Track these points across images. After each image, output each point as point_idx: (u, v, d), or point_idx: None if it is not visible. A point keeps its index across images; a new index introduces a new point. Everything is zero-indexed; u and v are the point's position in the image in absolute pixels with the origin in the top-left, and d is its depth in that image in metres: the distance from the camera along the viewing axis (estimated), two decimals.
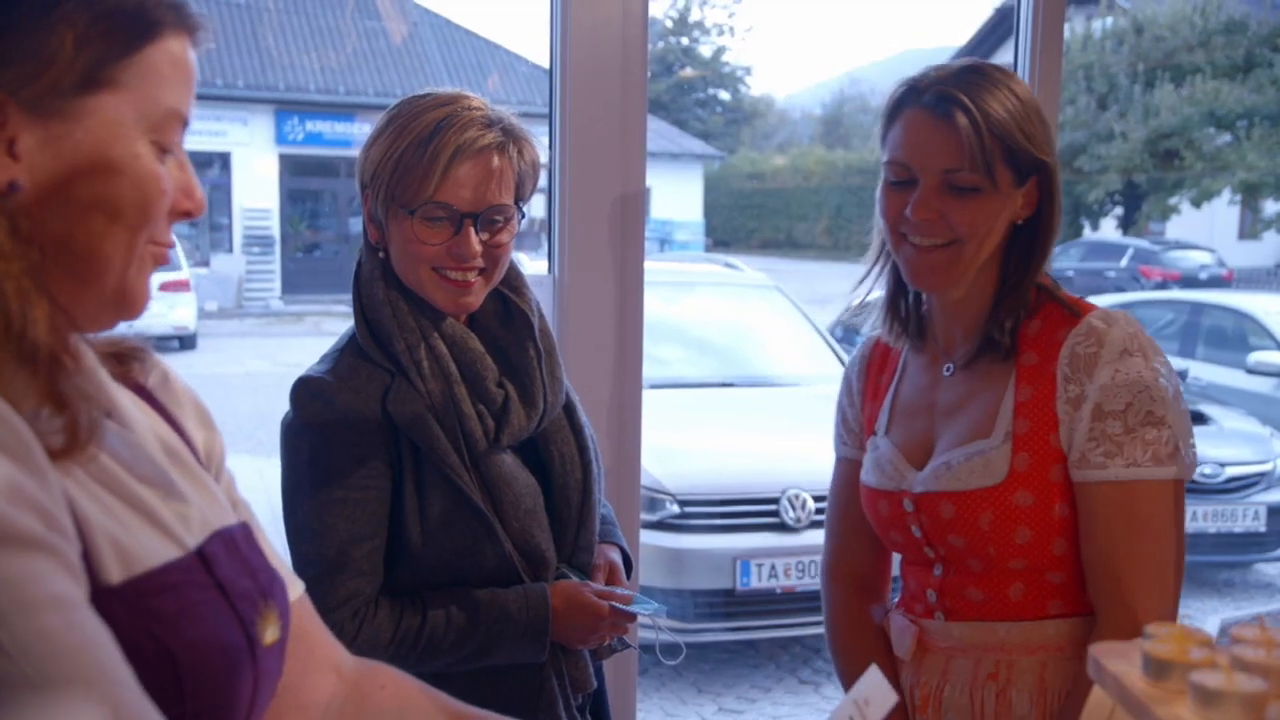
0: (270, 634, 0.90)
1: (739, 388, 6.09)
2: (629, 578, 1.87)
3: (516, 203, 1.66)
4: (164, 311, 14.25)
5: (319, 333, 15.54)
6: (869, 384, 1.75)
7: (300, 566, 1.60)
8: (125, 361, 0.95)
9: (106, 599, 0.76)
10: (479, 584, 1.65)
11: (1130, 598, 1.46)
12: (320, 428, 1.61)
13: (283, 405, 1.64)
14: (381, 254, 1.67)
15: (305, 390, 1.63)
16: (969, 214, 1.51)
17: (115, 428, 0.87)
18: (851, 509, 1.75)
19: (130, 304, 0.86)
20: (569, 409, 1.79)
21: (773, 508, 4.85)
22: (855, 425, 1.77)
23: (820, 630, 5.20)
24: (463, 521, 1.63)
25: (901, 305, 1.67)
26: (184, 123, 0.87)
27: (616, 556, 1.84)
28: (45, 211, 0.79)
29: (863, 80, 60.03)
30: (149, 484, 0.86)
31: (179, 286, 14.66)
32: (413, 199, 1.59)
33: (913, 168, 1.52)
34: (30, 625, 0.67)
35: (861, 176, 33.07)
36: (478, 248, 1.61)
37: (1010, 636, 1.55)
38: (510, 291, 1.73)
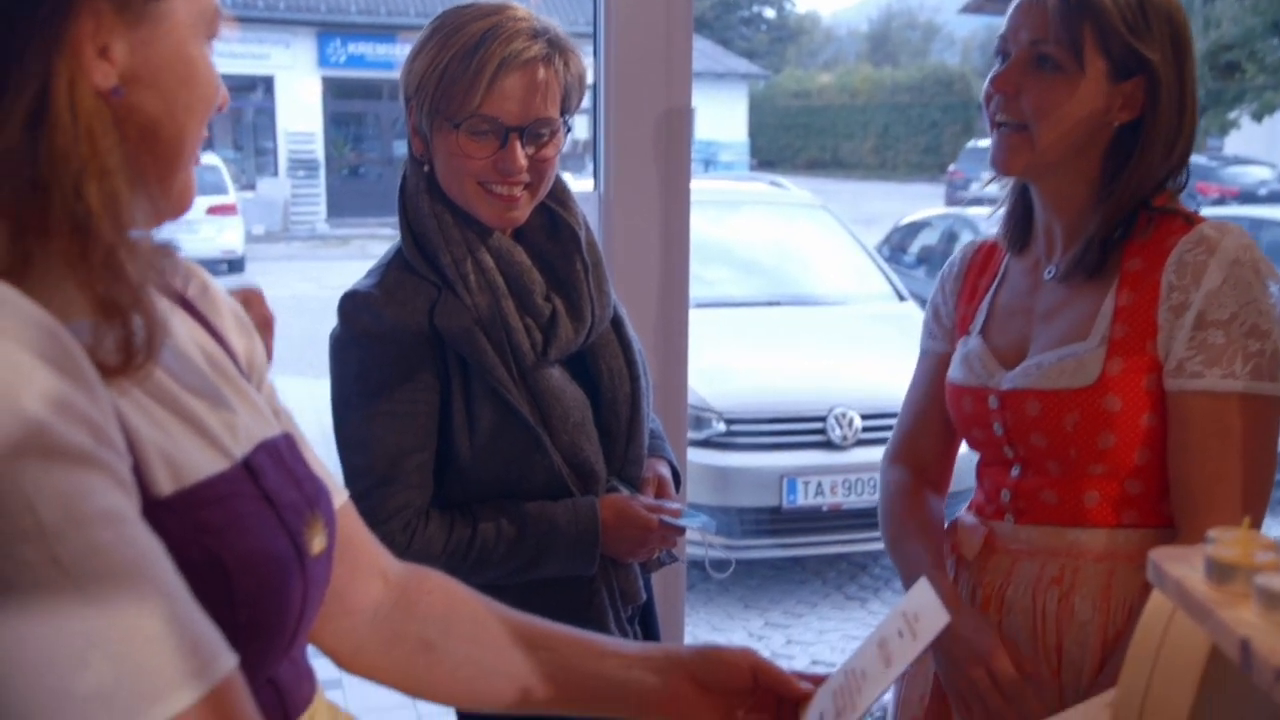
0: (318, 543, 0.90)
1: (786, 307, 6.06)
2: (677, 492, 1.88)
3: (562, 115, 1.65)
4: (212, 235, 14.36)
5: (364, 255, 15.59)
6: (966, 284, 1.73)
7: (350, 480, 1.62)
8: (164, 271, 0.95)
9: (157, 511, 0.76)
10: (528, 497, 1.66)
11: (1213, 512, 1.43)
12: (368, 341, 1.62)
13: (330, 327, 1.65)
14: (426, 167, 1.66)
15: (352, 304, 1.64)
16: (1043, 92, 1.48)
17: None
18: (928, 402, 1.73)
19: (188, 199, 0.87)
20: (617, 323, 1.79)
21: (819, 426, 4.84)
22: (946, 320, 1.74)
23: (867, 548, 5.21)
24: (511, 435, 1.64)
25: (1020, 208, 1.65)
26: (221, 20, 0.89)
27: (665, 470, 1.84)
28: (134, 114, 0.80)
29: None
30: (196, 394, 0.85)
31: (226, 210, 14.76)
32: (457, 112, 1.58)
33: (1008, 41, 1.53)
34: (83, 540, 0.67)
35: (909, 94, 32.48)
36: (524, 161, 1.60)
37: (1080, 542, 1.53)
38: (556, 205, 1.72)
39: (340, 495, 1.05)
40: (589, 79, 1.72)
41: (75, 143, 0.75)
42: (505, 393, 1.62)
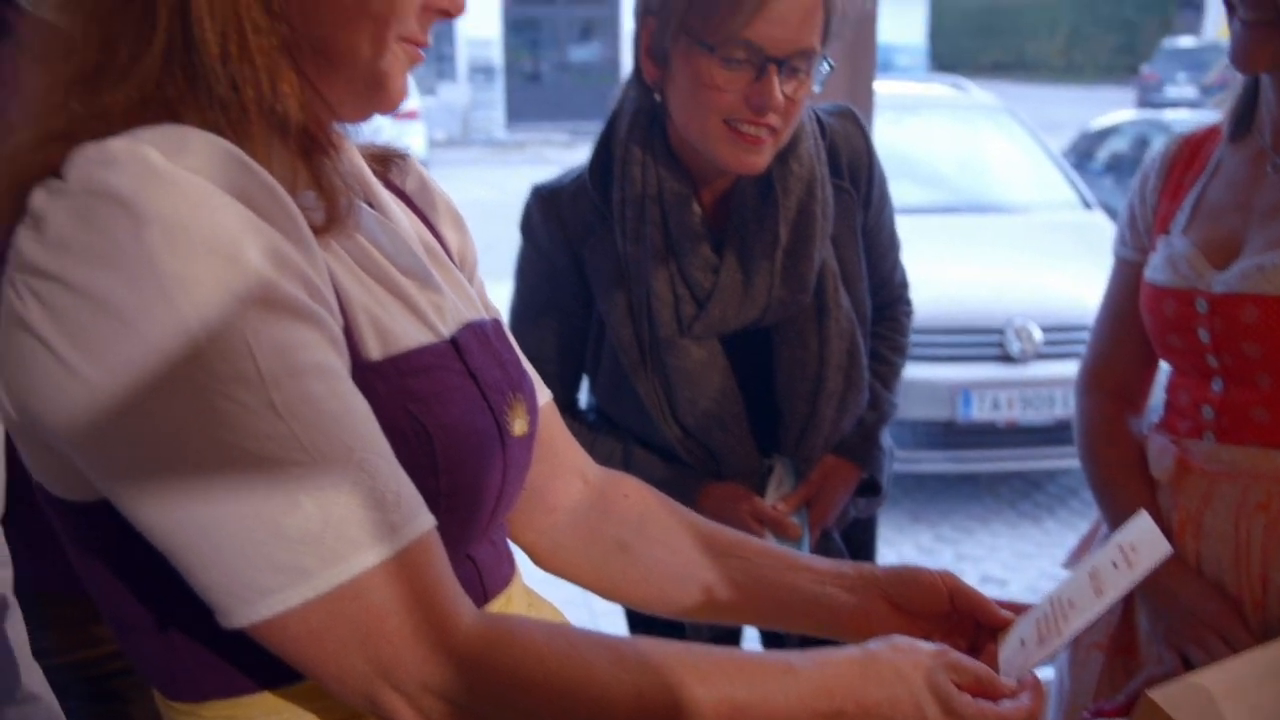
0: (519, 425, 0.92)
1: (965, 214, 5.86)
2: (871, 500, 1.78)
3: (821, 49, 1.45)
4: (396, 139, 14.63)
5: (540, 160, 15.70)
6: (1171, 179, 1.59)
7: None
8: (386, 165, 0.99)
9: (367, 374, 0.78)
10: (652, 447, 1.63)
11: None
12: (526, 240, 1.62)
13: (508, 232, 1.68)
14: (658, 96, 1.51)
15: (531, 196, 1.63)
16: None
17: (378, 217, 0.89)
18: (1123, 315, 1.61)
19: (384, 91, 0.85)
20: (821, 306, 1.58)
21: (997, 338, 4.71)
22: (1142, 225, 1.60)
23: (1042, 465, 5.04)
24: (630, 400, 1.58)
25: (1248, 94, 1.50)
26: None
27: (838, 482, 1.69)
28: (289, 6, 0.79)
29: None
30: (407, 273, 0.88)
31: (409, 115, 15.02)
32: (715, 32, 1.37)
33: None
34: (298, 389, 0.71)
35: None
36: (781, 97, 1.40)
37: None
38: (776, 160, 1.52)
39: (544, 393, 1.07)
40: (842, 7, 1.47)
41: (222, 38, 0.75)
42: (624, 359, 1.55)
